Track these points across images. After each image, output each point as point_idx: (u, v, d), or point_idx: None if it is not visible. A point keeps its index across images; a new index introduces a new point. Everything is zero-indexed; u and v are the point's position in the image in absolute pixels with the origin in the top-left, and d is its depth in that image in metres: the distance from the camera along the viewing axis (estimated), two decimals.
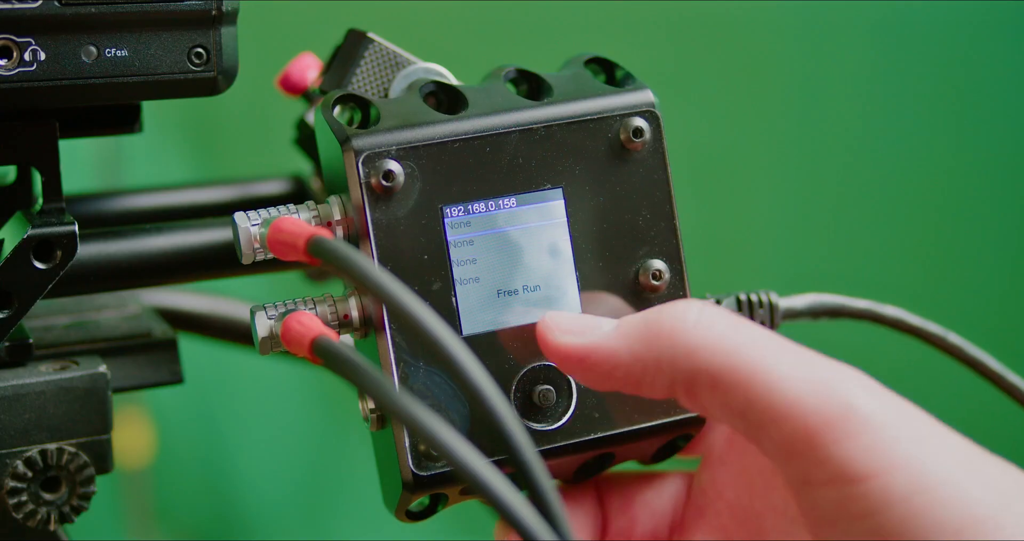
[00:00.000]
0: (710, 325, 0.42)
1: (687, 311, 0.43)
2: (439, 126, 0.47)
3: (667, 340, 0.43)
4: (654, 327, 0.43)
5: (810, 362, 0.41)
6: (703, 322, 0.42)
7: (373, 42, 0.51)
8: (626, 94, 0.49)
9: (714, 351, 0.42)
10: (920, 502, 0.38)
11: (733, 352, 0.41)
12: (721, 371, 0.41)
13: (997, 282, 1.58)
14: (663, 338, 0.43)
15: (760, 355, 0.41)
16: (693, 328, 0.42)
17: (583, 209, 0.48)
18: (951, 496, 0.39)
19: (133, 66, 0.46)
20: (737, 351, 0.41)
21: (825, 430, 0.39)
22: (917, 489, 0.39)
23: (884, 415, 0.40)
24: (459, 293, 0.47)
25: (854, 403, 0.40)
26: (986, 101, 1.57)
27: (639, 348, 0.43)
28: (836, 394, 0.40)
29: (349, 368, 0.40)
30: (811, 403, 0.40)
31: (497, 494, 0.37)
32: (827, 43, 1.58)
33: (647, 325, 0.43)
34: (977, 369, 0.55)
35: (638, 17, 1.53)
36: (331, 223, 0.47)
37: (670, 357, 0.42)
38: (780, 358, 0.41)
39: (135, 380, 0.55)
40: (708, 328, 0.42)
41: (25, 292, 0.48)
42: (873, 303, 0.54)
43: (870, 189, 1.60)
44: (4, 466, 0.48)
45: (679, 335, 0.42)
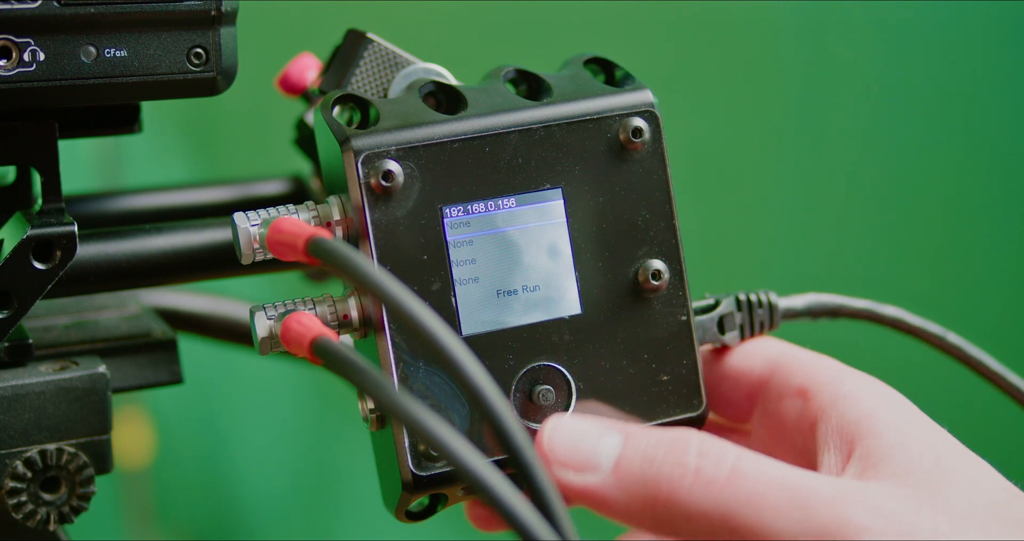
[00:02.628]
0: (707, 488, 0.42)
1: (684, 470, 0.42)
2: (438, 126, 0.47)
3: (663, 503, 0.42)
4: (651, 488, 0.43)
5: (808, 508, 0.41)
6: (699, 484, 0.42)
7: (372, 42, 0.51)
8: (625, 94, 0.49)
9: (711, 516, 0.42)
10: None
11: (731, 517, 0.41)
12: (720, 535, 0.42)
13: (996, 282, 1.58)
14: (660, 500, 0.42)
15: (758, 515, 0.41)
16: (689, 492, 0.42)
17: (583, 209, 0.48)
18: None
19: (132, 66, 0.46)
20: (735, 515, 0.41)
21: None
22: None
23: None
24: (459, 293, 0.47)
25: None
26: (986, 101, 1.57)
27: (637, 505, 0.43)
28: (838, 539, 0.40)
29: (349, 368, 0.40)
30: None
31: (497, 494, 0.37)
32: (827, 43, 1.58)
33: (644, 483, 0.43)
34: (976, 369, 0.55)
35: (638, 17, 1.53)
36: (330, 223, 0.47)
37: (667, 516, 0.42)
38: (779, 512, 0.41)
39: (135, 380, 0.55)
40: (706, 492, 0.42)
41: (25, 292, 0.48)
42: (872, 303, 0.54)
43: (869, 189, 1.60)
44: (4, 466, 0.48)
45: (677, 500, 0.42)
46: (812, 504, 0.41)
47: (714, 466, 0.42)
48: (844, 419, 0.45)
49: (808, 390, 0.48)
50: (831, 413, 0.46)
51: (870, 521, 0.40)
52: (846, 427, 0.45)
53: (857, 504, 0.41)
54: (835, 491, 0.41)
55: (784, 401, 0.49)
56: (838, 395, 0.46)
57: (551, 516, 0.38)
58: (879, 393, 0.46)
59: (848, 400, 0.46)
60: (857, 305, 0.53)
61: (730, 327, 0.51)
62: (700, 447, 0.43)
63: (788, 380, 0.49)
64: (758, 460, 0.42)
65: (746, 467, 0.42)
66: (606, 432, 0.44)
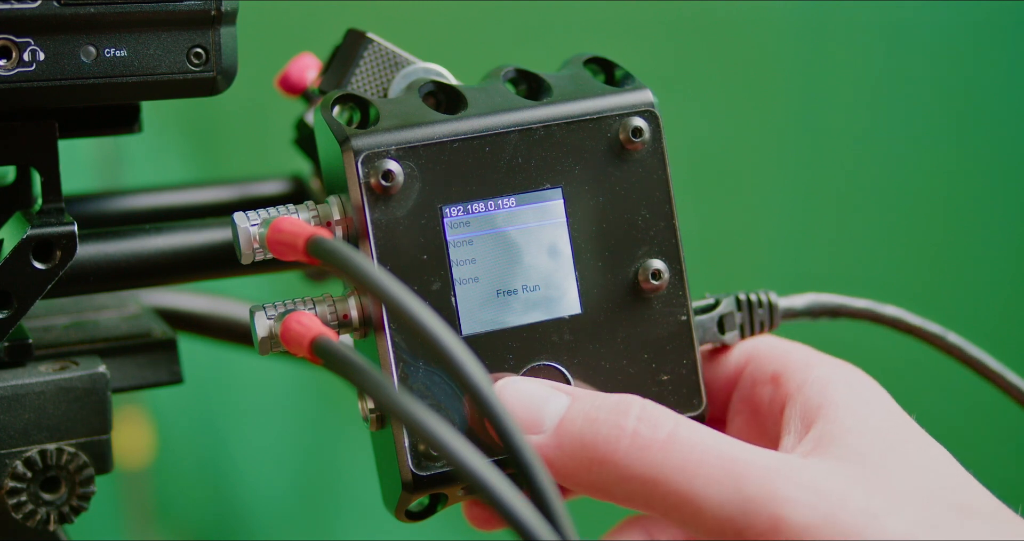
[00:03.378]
0: (642, 452, 0.43)
1: (621, 433, 0.43)
2: (438, 126, 0.47)
3: (599, 465, 0.43)
4: (589, 449, 0.43)
5: (739, 478, 0.41)
6: (635, 448, 0.43)
7: (372, 42, 0.51)
8: (625, 94, 0.49)
9: (644, 481, 0.42)
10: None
11: (663, 481, 0.42)
12: (652, 499, 0.42)
13: (996, 282, 1.58)
14: (595, 461, 0.43)
15: (689, 481, 0.42)
16: (624, 457, 0.43)
17: (582, 209, 0.48)
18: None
19: (132, 66, 0.46)
20: (667, 480, 0.42)
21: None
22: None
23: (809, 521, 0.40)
24: (458, 293, 0.47)
25: (780, 515, 0.40)
26: (985, 101, 1.57)
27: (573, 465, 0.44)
28: (764, 510, 0.40)
29: (349, 368, 0.40)
30: (742, 522, 0.40)
31: (497, 494, 0.37)
32: (827, 43, 1.58)
33: (583, 445, 0.44)
34: (976, 369, 0.55)
35: (638, 17, 1.53)
36: (330, 223, 0.47)
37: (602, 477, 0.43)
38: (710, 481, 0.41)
39: (134, 380, 0.55)
40: (639, 454, 0.43)
41: (24, 292, 0.48)
42: (872, 303, 0.54)
43: (869, 189, 1.60)
44: (4, 466, 0.48)
45: (611, 465, 0.43)
46: (744, 475, 0.41)
47: (651, 430, 0.43)
48: (808, 403, 0.46)
49: (780, 376, 0.48)
50: (797, 397, 0.47)
51: (798, 495, 0.40)
52: (808, 411, 0.46)
53: (790, 478, 0.41)
54: (770, 464, 0.42)
55: (757, 388, 0.50)
56: (806, 380, 0.47)
57: (551, 516, 0.38)
58: (847, 379, 0.47)
59: (814, 385, 0.47)
60: (857, 305, 0.53)
61: (730, 327, 0.51)
62: (641, 412, 0.44)
63: (762, 367, 0.50)
64: (697, 429, 0.43)
65: (683, 434, 0.43)
66: (554, 394, 0.45)
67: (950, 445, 0.45)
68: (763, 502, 0.40)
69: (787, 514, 0.40)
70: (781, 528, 0.40)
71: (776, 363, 0.49)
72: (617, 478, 0.43)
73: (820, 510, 0.40)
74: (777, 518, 0.40)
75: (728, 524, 0.41)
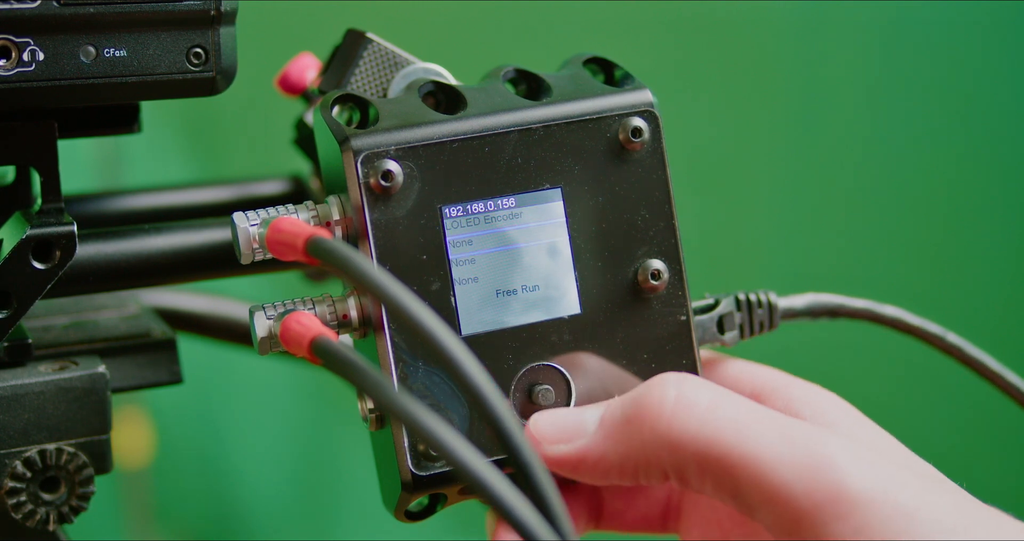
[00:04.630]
0: (689, 411, 0.42)
1: (663, 399, 0.43)
2: (438, 126, 0.47)
3: (649, 435, 0.43)
4: (635, 423, 0.43)
5: (796, 439, 0.41)
6: (681, 409, 0.43)
7: (372, 42, 0.51)
8: (625, 94, 0.49)
9: (696, 441, 0.42)
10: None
11: (715, 440, 0.42)
12: (706, 460, 0.42)
13: (996, 282, 1.58)
14: (645, 434, 0.43)
15: (743, 438, 0.41)
16: (671, 418, 0.43)
17: (582, 209, 0.48)
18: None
19: (132, 66, 0.46)
20: (719, 438, 0.42)
21: (815, 513, 0.40)
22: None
23: (873, 491, 0.40)
24: (458, 293, 0.47)
25: (843, 482, 0.40)
26: (985, 101, 1.57)
27: (624, 448, 0.44)
28: (825, 475, 0.40)
29: (348, 368, 0.40)
30: (800, 487, 0.40)
31: (496, 494, 0.37)
32: (827, 43, 1.58)
33: (627, 421, 0.44)
34: (976, 369, 0.55)
35: (638, 17, 1.53)
36: (330, 223, 0.47)
37: (655, 452, 0.43)
38: (764, 439, 0.41)
39: (134, 380, 0.55)
40: (687, 415, 0.42)
41: (24, 292, 0.48)
42: (872, 303, 0.54)
43: (869, 189, 1.60)
44: (3, 466, 0.48)
45: (661, 428, 0.43)
46: (798, 437, 0.41)
47: (695, 394, 0.43)
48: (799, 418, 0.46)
49: (760, 395, 0.48)
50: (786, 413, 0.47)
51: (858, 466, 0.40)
52: None
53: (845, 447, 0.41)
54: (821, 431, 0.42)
55: None
56: (791, 399, 0.47)
57: (551, 516, 0.38)
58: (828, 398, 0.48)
59: (800, 402, 0.47)
60: (857, 305, 0.53)
61: (730, 327, 0.51)
62: (679, 379, 0.44)
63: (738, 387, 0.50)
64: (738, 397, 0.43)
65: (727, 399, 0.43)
66: (587, 408, 0.46)
67: (950, 445, 0.45)
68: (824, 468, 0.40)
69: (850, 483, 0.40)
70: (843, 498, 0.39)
71: (753, 384, 0.49)
72: (668, 445, 0.42)
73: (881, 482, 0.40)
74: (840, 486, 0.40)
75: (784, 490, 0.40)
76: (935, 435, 1.47)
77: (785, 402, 0.47)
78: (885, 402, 0.49)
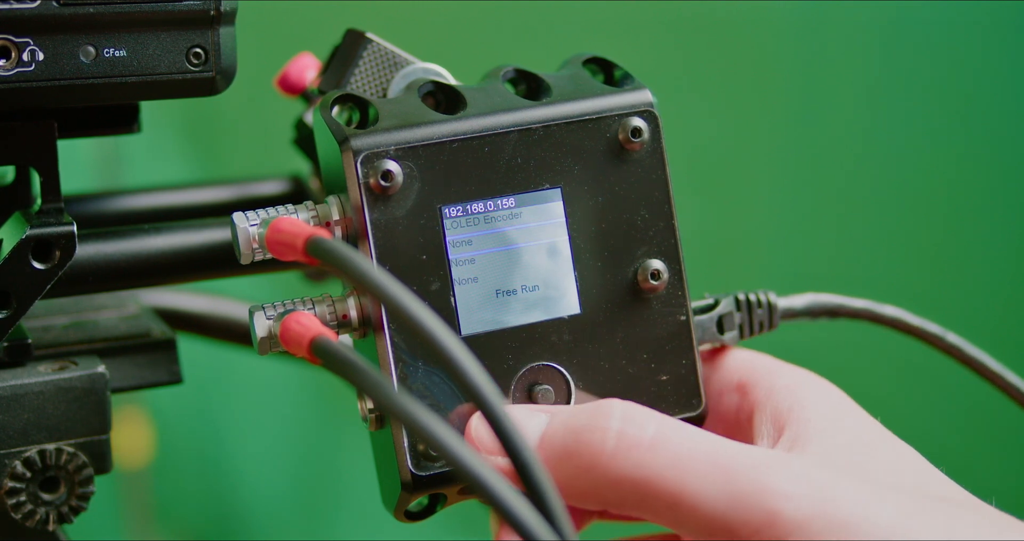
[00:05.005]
0: (628, 451, 0.42)
1: (605, 437, 0.43)
2: (438, 126, 0.47)
3: (586, 473, 0.43)
4: (574, 458, 0.43)
5: (733, 471, 0.41)
6: (621, 449, 0.42)
7: (372, 42, 0.51)
8: (625, 94, 0.49)
9: (634, 480, 0.42)
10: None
11: (654, 479, 0.42)
12: (645, 498, 0.42)
13: (996, 282, 1.58)
14: (582, 470, 0.43)
15: (681, 475, 0.41)
16: (611, 458, 0.42)
17: (582, 209, 0.48)
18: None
19: (132, 66, 0.46)
20: (658, 477, 0.42)
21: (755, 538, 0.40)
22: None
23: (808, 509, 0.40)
24: (458, 293, 0.47)
25: (777, 507, 0.40)
26: (985, 101, 1.57)
27: (561, 478, 0.43)
28: (759, 503, 0.40)
29: (348, 368, 0.40)
30: (737, 517, 0.40)
31: (496, 494, 0.37)
32: (826, 43, 1.58)
33: (567, 455, 0.43)
34: (976, 369, 0.55)
35: (638, 17, 1.53)
36: (330, 223, 0.47)
37: (592, 487, 0.43)
38: (701, 475, 0.41)
39: (134, 380, 0.55)
40: (626, 455, 0.42)
41: (24, 292, 0.48)
42: (871, 303, 0.54)
43: (868, 189, 1.60)
44: (3, 466, 0.48)
45: (599, 467, 0.42)
46: (735, 469, 0.41)
47: (638, 430, 0.43)
48: (778, 408, 0.46)
49: (746, 384, 0.48)
50: (766, 404, 0.47)
51: (792, 488, 0.40)
52: (779, 415, 0.46)
53: (780, 472, 0.41)
54: (759, 459, 0.42)
55: (723, 397, 0.50)
56: (773, 388, 0.47)
57: (550, 516, 0.38)
58: (813, 385, 0.47)
59: (782, 392, 0.47)
60: (856, 305, 0.53)
61: (729, 327, 0.51)
62: (623, 412, 0.43)
63: (727, 377, 0.50)
64: (683, 427, 0.43)
65: (669, 432, 0.43)
66: (532, 414, 0.45)
67: (950, 445, 0.45)
68: (757, 497, 0.40)
69: (781, 508, 0.40)
70: (776, 523, 0.40)
71: (740, 372, 0.49)
72: (607, 482, 0.42)
73: (814, 501, 0.40)
74: (772, 513, 0.40)
75: (722, 522, 0.41)
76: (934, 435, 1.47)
77: (767, 392, 0.47)
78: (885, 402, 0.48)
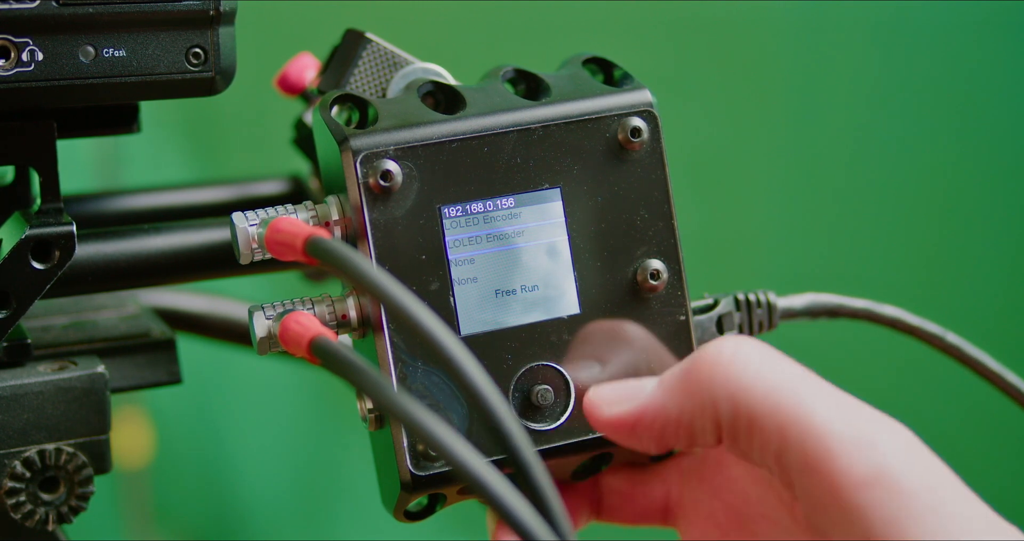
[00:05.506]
0: (746, 364, 0.42)
1: (721, 351, 0.43)
2: (437, 126, 0.47)
3: (707, 384, 0.43)
4: (693, 374, 0.43)
5: (850, 411, 0.41)
6: (738, 361, 0.42)
7: (371, 42, 0.51)
8: (624, 94, 0.49)
9: (751, 392, 0.42)
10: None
11: (771, 393, 0.41)
12: (758, 413, 0.41)
13: (995, 282, 1.58)
14: (703, 383, 0.43)
15: (798, 398, 0.41)
16: (729, 367, 0.42)
17: (581, 209, 0.48)
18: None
19: (131, 66, 0.46)
20: (775, 391, 0.41)
21: (853, 492, 0.39)
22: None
23: (914, 481, 0.39)
24: (457, 293, 0.47)
25: (887, 465, 0.39)
26: (984, 101, 1.57)
27: (683, 400, 0.43)
28: (871, 453, 0.40)
29: (347, 368, 0.40)
30: (844, 459, 0.40)
31: (496, 494, 0.37)
32: (826, 44, 1.58)
33: (685, 374, 0.44)
34: (975, 369, 0.55)
35: (637, 17, 1.53)
36: (329, 223, 0.47)
37: (711, 402, 0.43)
38: (819, 402, 0.41)
39: (133, 380, 0.55)
40: (744, 367, 0.42)
41: (23, 292, 0.48)
42: (871, 303, 0.54)
43: (868, 189, 1.60)
44: (2, 466, 0.48)
45: (718, 377, 0.43)
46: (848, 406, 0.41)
47: (750, 350, 0.43)
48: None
49: None
50: None
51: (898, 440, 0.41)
52: None
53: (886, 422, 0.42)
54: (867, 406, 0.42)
55: None
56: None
57: (549, 516, 0.38)
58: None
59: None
60: (856, 305, 0.53)
61: (729, 327, 0.51)
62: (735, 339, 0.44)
63: None
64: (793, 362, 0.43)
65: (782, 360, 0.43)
66: (645, 378, 0.46)
67: (949, 445, 0.45)
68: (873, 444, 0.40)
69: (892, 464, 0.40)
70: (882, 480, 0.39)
71: None
72: (727, 394, 0.42)
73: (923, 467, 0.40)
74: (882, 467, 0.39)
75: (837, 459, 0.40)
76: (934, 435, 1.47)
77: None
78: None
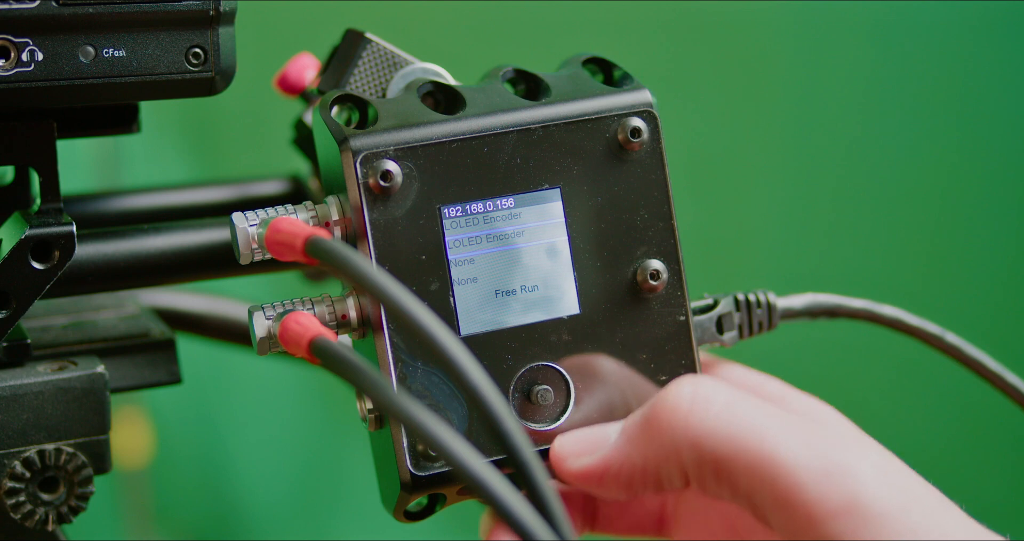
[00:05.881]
0: (706, 408, 0.42)
1: (679, 398, 0.43)
2: (437, 126, 0.47)
3: (667, 432, 0.43)
4: (653, 422, 0.43)
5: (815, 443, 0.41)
6: (698, 406, 0.42)
7: (371, 42, 0.51)
8: (624, 94, 0.49)
9: (714, 437, 0.42)
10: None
11: (733, 436, 0.41)
12: (723, 457, 0.41)
13: (995, 282, 1.58)
14: (663, 431, 0.43)
15: (762, 438, 0.41)
16: (689, 414, 0.42)
17: (581, 209, 0.48)
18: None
19: (131, 66, 0.46)
20: (738, 435, 0.41)
21: (827, 520, 0.39)
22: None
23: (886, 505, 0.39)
24: (457, 293, 0.47)
25: (859, 492, 0.39)
26: (984, 101, 1.57)
27: (646, 449, 0.43)
28: (841, 481, 0.40)
29: (347, 368, 0.40)
30: (815, 491, 0.40)
31: (495, 494, 0.37)
32: (825, 43, 1.58)
33: (646, 422, 0.44)
34: (975, 369, 0.55)
35: (637, 17, 1.53)
36: (329, 223, 0.47)
37: (674, 450, 0.43)
38: (781, 438, 0.41)
39: (133, 380, 0.55)
40: (704, 412, 0.42)
41: (23, 292, 0.48)
42: (870, 303, 0.54)
43: (867, 189, 1.60)
44: (2, 466, 0.48)
45: (679, 426, 0.43)
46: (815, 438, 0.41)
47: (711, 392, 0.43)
48: None
49: None
50: None
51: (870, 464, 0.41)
52: None
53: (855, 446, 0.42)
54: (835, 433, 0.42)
55: None
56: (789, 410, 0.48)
57: (549, 516, 0.38)
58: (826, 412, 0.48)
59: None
60: (855, 305, 0.53)
61: (728, 327, 0.51)
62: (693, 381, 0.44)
63: None
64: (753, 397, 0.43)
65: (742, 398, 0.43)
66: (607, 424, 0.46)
67: (948, 445, 0.45)
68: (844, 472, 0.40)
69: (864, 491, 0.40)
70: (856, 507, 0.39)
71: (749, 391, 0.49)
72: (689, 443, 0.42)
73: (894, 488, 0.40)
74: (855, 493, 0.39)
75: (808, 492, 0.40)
76: (934, 435, 1.47)
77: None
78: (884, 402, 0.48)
